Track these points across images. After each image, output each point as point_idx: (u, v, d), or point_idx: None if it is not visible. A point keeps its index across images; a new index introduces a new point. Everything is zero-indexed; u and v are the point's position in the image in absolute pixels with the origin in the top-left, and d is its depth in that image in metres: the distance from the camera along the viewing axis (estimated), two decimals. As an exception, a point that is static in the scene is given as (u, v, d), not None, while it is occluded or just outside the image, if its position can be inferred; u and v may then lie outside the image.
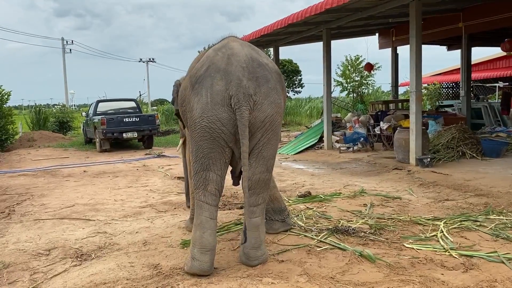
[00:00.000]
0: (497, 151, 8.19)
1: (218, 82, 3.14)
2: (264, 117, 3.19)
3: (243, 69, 3.15)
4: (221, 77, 3.14)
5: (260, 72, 3.21)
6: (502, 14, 9.53)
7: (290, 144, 11.68)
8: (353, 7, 8.58)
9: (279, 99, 3.30)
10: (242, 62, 3.18)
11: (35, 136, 15.63)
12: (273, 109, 3.23)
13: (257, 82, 3.17)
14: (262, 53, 3.51)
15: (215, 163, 3.23)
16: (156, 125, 13.07)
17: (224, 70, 3.16)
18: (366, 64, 15.75)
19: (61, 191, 6.80)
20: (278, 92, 3.30)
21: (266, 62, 3.33)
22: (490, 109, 12.61)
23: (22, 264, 3.67)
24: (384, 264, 3.29)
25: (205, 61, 3.29)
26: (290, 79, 40.52)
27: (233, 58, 3.20)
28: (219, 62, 3.20)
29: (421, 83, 8.26)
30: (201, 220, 3.23)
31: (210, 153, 3.20)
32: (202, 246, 3.18)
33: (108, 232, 4.48)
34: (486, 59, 19.12)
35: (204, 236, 3.19)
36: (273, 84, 3.26)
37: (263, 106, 3.17)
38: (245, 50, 3.29)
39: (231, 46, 3.31)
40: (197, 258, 3.17)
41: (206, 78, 3.18)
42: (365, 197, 5.52)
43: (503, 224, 4.19)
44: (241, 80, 3.12)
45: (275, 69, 3.38)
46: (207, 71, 3.21)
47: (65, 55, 32.57)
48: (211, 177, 3.23)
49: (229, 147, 3.24)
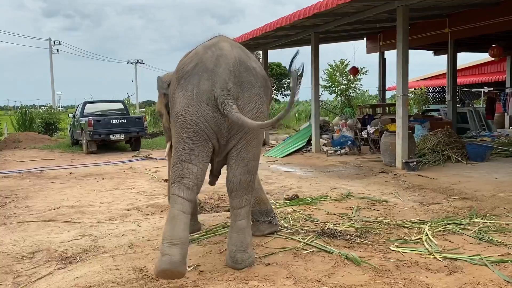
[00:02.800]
0: (482, 155, 8.30)
1: (204, 82, 3.14)
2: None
3: (230, 72, 3.15)
4: (208, 77, 3.14)
5: (245, 77, 3.21)
6: (487, 20, 9.69)
7: (278, 147, 11.71)
8: (341, 12, 8.65)
9: (261, 104, 3.30)
10: (230, 65, 3.18)
11: (20, 137, 15.43)
12: (254, 114, 3.22)
13: (241, 87, 3.18)
14: (251, 55, 3.51)
15: (197, 155, 3.17)
16: (143, 127, 13.00)
17: (212, 71, 3.16)
18: (352, 68, 15.86)
19: (46, 193, 6.72)
20: (261, 98, 3.30)
21: (254, 66, 3.33)
22: (475, 113, 12.80)
23: (5, 267, 3.61)
24: (369, 267, 3.31)
25: (194, 58, 3.29)
26: (278, 83, 40.62)
27: (222, 59, 3.20)
28: (208, 61, 3.20)
29: (408, 88, 8.35)
30: (174, 214, 3.07)
31: (191, 145, 3.15)
32: (171, 239, 2.97)
33: (93, 234, 4.44)
34: (472, 64, 19.42)
35: (174, 229, 3.01)
36: (257, 90, 3.26)
37: (244, 111, 3.15)
38: (234, 52, 3.28)
39: (221, 46, 3.30)
40: (166, 252, 2.93)
41: (194, 76, 3.18)
42: (352, 200, 5.56)
43: (486, 228, 4.25)
44: (227, 83, 3.12)
45: (261, 74, 3.38)
46: (194, 68, 3.21)
47: (52, 55, 32.28)
48: (190, 169, 3.14)
49: (211, 142, 3.22)
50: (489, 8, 9.42)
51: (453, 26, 10.48)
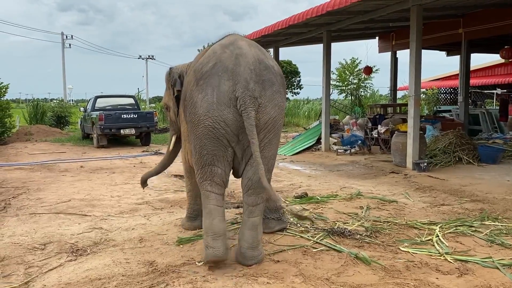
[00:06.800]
0: (493, 157, 8.22)
1: (225, 82, 3.13)
2: (267, 119, 3.22)
3: (251, 71, 3.15)
4: (229, 77, 3.14)
5: (266, 75, 3.22)
6: (502, 21, 9.57)
7: (288, 145, 11.69)
8: (354, 10, 8.60)
9: (282, 101, 3.35)
10: (250, 64, 3.17)
11: (32, 130, 15.60)
12: (276, 111, 3.26)
13: (263, 86, 3.18)
14: (268, 54, 3.52)
15: (219, 160, 3.29)
16: (154, 122, 13.05)
17: (232, 71, 3.15)
18: (365, 67, 15.75)
19: (57, 186, 6.78)
20: (281, 95, 3.34)
21: (272, 65, 3.35)
22: (488, 115, 12.66)
23: (17, 257, 3.66)
24: (379, 267, 3.30)
25: (212, 57, 3.27)
26: (289, 80, 40.54)
27: (242, 58, 3.19)
28: (227, 60, 3.19)
29: (420, 88, 8.28)
30: (210, 209, 3.30)
31: (214, 151, 3.25)
32: (213, 233, 3.23)
33: (104, 228, 4.47)
34: (485, 65, 19.20)
35: (213, 223, 3.26)
36: (277, 87, 3.29)
37: (267, 109, 3.19)
38: (252, 51, 3.28)
39: (239, 45, 3.29)
40: (210, 245, 3.22)
41: (213, 76, 3.17)
42: (362, 200, 5.53)
43: (498, 230, 4.21)
44: (248, 82, 3.12)
45: (279, 72, 3.41)
46: (213, 68, 3.19)
47: (64, 50, 32.49)
48: (215, 170, 3.30)
49: (231, 147, 3.27)
50: (504, 9, 9.30)
51: (467, 26, 10.37)
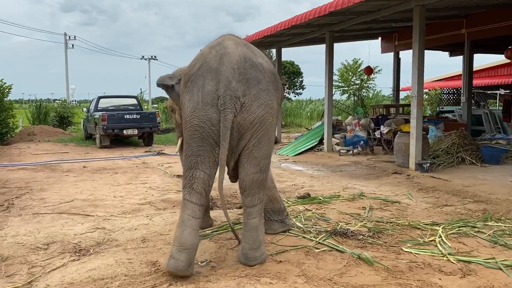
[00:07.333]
0: (496, 158, 8.20)
1: (209, 82, 3.12)
2: (253, 119, 3.16)
3: (234, 70, 3.12)
4: (212, 77, 3.13)
5: (251, 74, 3.17)
6: (505, 21, 9.55)
7: (290, 146, 11.69)
8: (357, 11, 8.60)
9: (271, 100, 3.24)
10: (234, 63, 3.14)
11: (35, 131, 15.65)
12: (263, 110, 3.19)
13: (247, 84, 3.14)
14: (258, 51, 3.45)
15: (204, 161, 3.21)
16: (156, 123, 13.08)
17: (216, 70, 3.14)
18: (366, 67, 15.73)
19: (60, 186, 6.80)
20: (269, 93, 3.24)
21: (261, 62, 3.28)
22: (491, 116, 12.63)
23: (20, 257, 3.67)
24: (382, 268, 3.30)
25: (199, 59, 3.28)
26: (291, 81, 40.55)
27: (225, 58, 3.17)
28: (212, 61, 3.18)
29: (423, 88, 8.27)
30: (183, 219, 3.18)
31: (199, 151, 3.19)
32: (180, 244, 3.10)
33: (107, 228, 4.48)
34: (488, 66, 19.15)
35: (183, 234, 3.12)
36: (265, 85, 3.21)
37: (252, 108, 3.14)
38: (239, 49, 3.24)
39: (225, 45, 3.27)
40: (174, 256, 3.09)
41: (199, 77, 3.18)
42: (364, 200, 5.53)
43: (501, 231, 4.20)
44: (230, 81, 3.09)
45: (269, 69, 3.32)
46: (199, 70, 3.20)
47: (67, 50, 32.58)
48: (198, 175, 3.21)
49: (218, 146, 3.19)
50: (507, 9, 9.28)
51: (470, 26, 10.35)
